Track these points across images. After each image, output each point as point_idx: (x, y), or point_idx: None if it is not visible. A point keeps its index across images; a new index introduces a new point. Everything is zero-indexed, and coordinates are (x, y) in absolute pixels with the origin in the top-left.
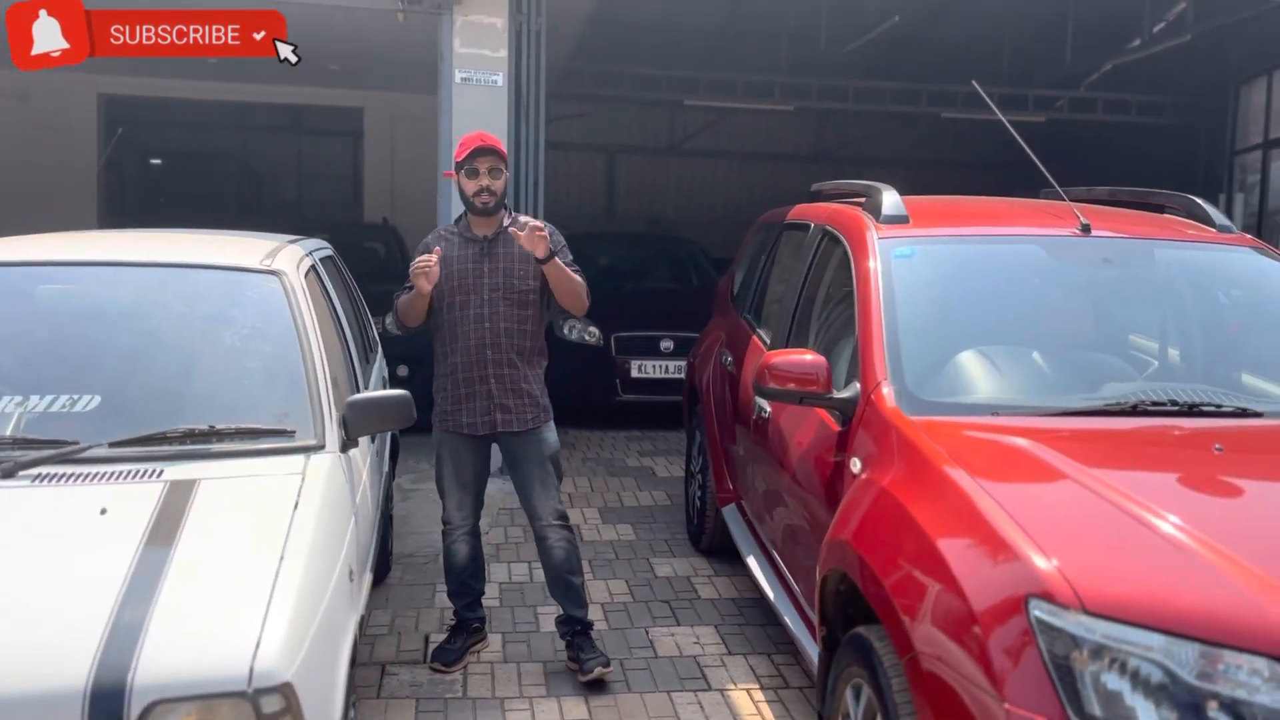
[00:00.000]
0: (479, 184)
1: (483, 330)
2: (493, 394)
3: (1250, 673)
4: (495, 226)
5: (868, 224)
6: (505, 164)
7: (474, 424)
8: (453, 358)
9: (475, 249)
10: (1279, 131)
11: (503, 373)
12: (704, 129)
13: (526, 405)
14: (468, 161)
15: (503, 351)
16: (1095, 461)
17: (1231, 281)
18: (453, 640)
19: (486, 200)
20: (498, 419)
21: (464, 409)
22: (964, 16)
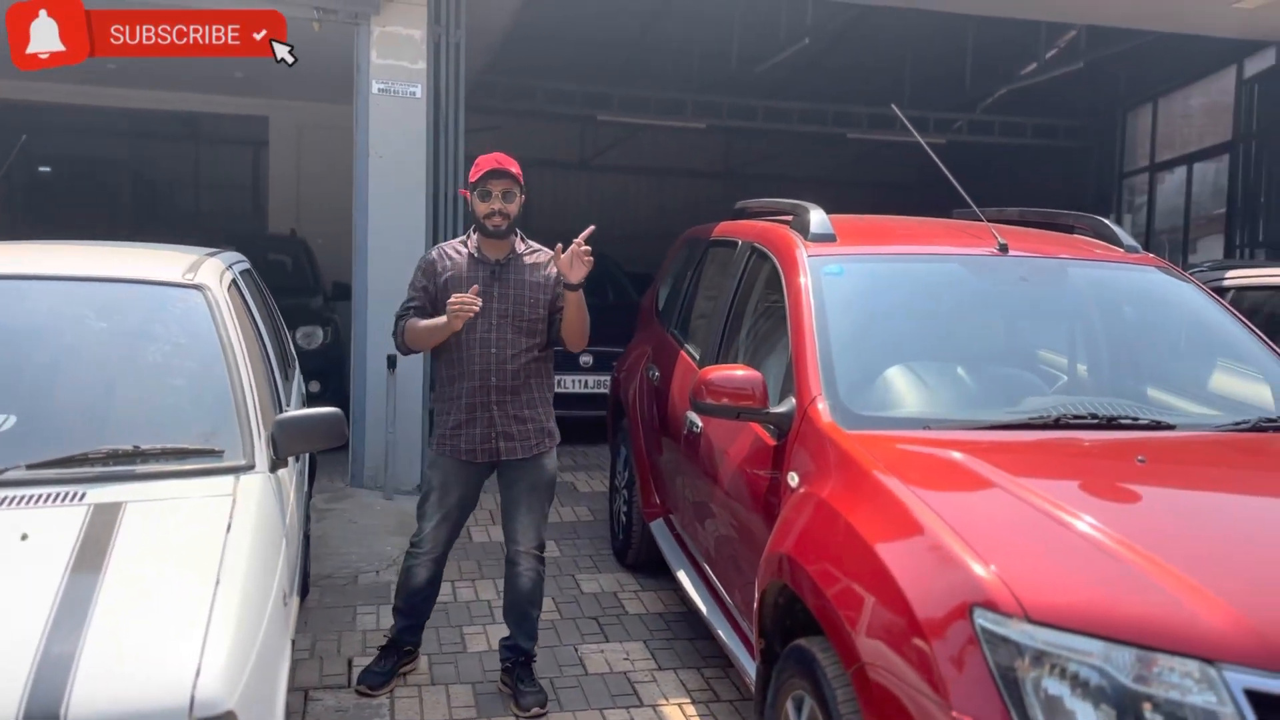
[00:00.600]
0: (491, 206)
1: (488, 356)
2: (495, 421)
3: (1183, 675)
4: (507, 250)
5: (797, 242)
6: (520, 187)
7: (473, 450)
8: (457, 383)
9: (485, 272)
10: (1164, 155)
11: (505, 399)
12: (616, 144)
13: (531, 432)
14: (481, 183)
15: (507, 378)
16: (1027, 473)
17: (1138, 299)
18: (381, 662)
19: (499, 223)
20: (500, 447)
21: (463, 434)
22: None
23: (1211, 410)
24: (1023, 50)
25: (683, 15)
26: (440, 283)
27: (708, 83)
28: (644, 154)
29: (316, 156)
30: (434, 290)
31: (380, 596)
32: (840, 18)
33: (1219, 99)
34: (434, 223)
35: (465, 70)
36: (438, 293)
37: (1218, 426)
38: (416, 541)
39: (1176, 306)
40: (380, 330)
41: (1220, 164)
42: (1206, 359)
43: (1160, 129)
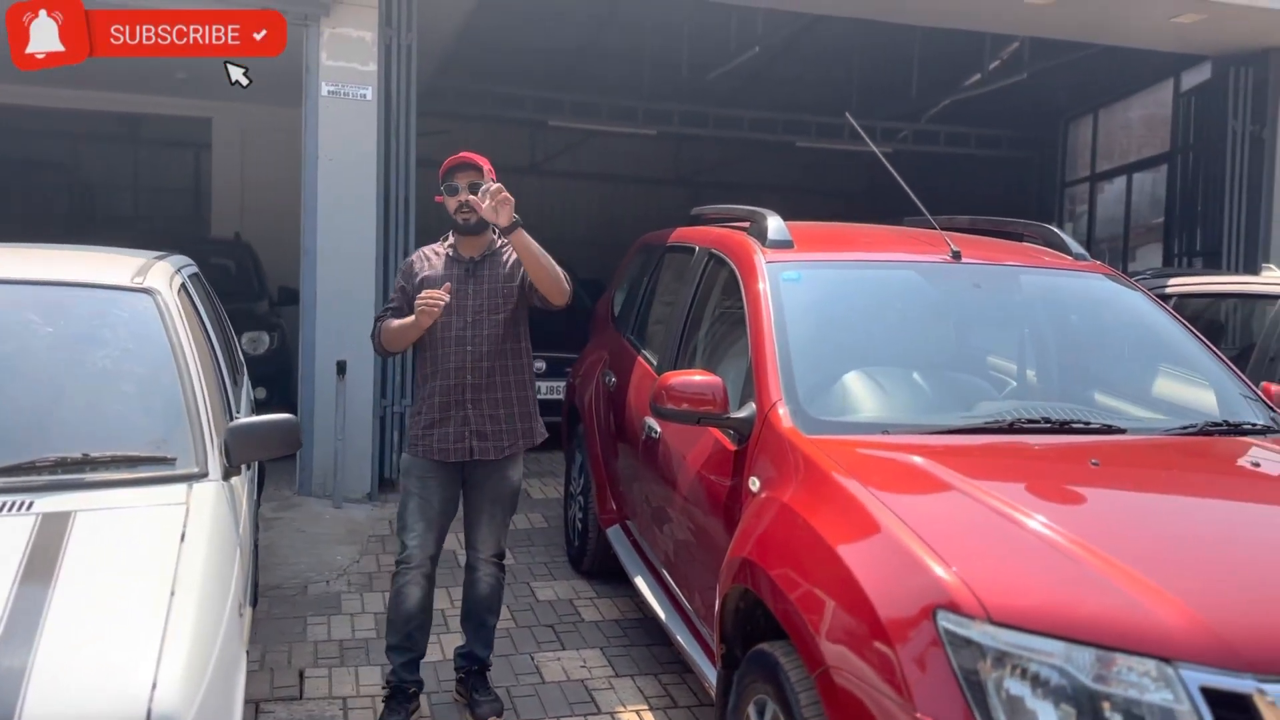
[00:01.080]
0: (459, 200)
1: (464, 353)
2: (469, 419)
3: (1141, 674)
4: (483, 248)
5: (755, 248)
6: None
7: (445, 449)
8: (432, 381)
9: (460, 269)
10: (1104, 165)
11: (481, 398)
12: (566, 150)
13: (504, 433)
14: (446, 179)
15: (483, 375)
16: (985, 476)
17: (1087, 306)
18: (393, 713)
19: (468, 216)
20: (473, 446)
21: (436, 433)
22: (817, 51)
23: (1159, 415)
24: (967, 61)
25: (632, 23)
26: (416, 283)
27: (659, 90)
28: (595, 160)
29: (261, 159)
30: (411, 291)
31: (331, 607)
32: (789, 27)
33: (1157, 111)
34: (385, 226)
35: (416, 73)
36: (415, 294)
37: (1166, 430)
38: (403, 557)
39: (1124, 313)
40: (329, 335)
41: (1158, 174)
42: (1153, 365)
43: (1100, 140)
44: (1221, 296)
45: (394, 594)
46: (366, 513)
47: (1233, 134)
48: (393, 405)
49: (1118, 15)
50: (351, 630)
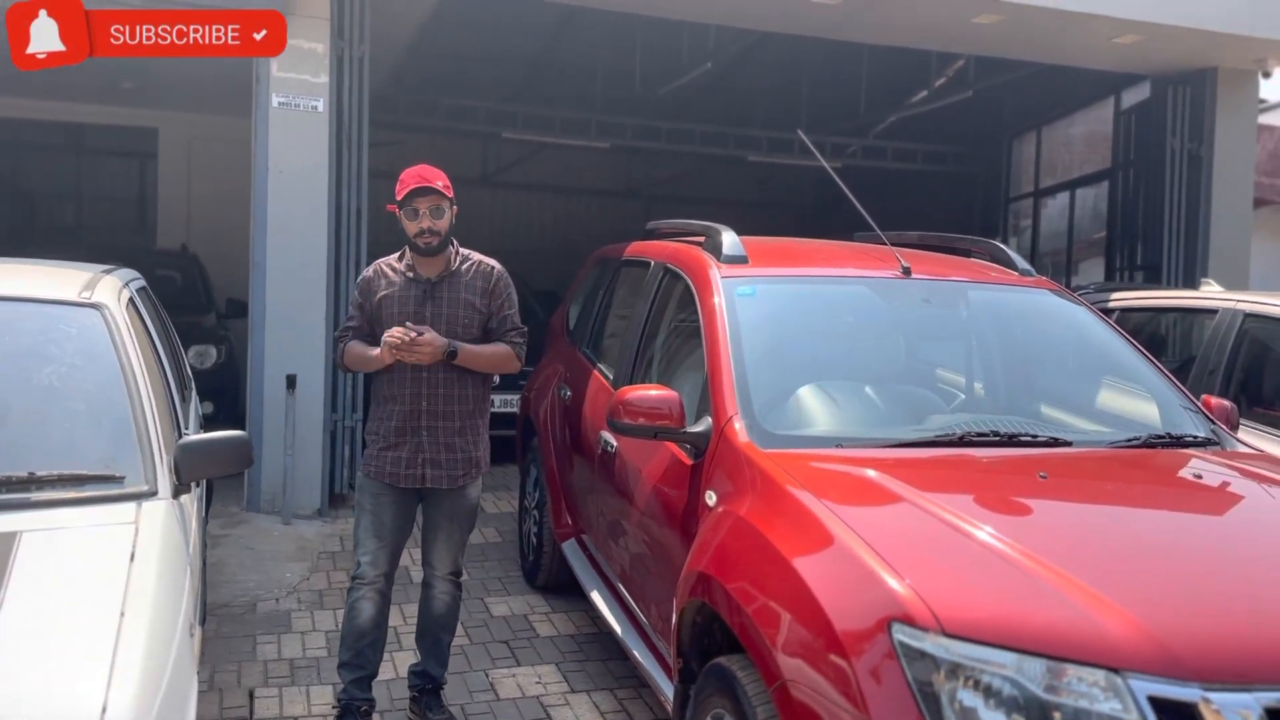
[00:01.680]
0: (419, 225)
1: (420, 379)
2: (423, 447)
3: (1091, 684)
4: (442, 267)
5: (710, 263)
6: (449, 201)
7: (397, 474)
8: (388, 405)
9: (418, 290)
10: (1047, 181)
11: (436, 425)
12: (519, 162)
13: (458, 462)
14: (406, 201)
15: (439, 403)
16: (936, 489)
17: (1033, 321)
18: None
19: (429, 240)
20: (426, 474)
21: (390, 456)
22: (768, 67)
23: (1104, 427)
24: (914, 79)
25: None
26: (375, 301)
27: (612, 103)
28: (548, 172)
29: (209, 170)
30: (370, 309)
31: (281, 625)
32: (740, 43)
33: (1098, 128)
34: (336, 238)
35: (369, 85)
36: (374, 312)
37: (1111, 443)
38: (357, 574)
39: (1068, 327)
40: (279, 348)
41: (1100, 190)
42: (1097, 378)
43: (1044, 156)
44: (1162, 311)
45: (347, 610)
46: (317, 529)
47: (1171, 151)
48: (344, 420)
49: (1060, 35)
50: (302, 649)
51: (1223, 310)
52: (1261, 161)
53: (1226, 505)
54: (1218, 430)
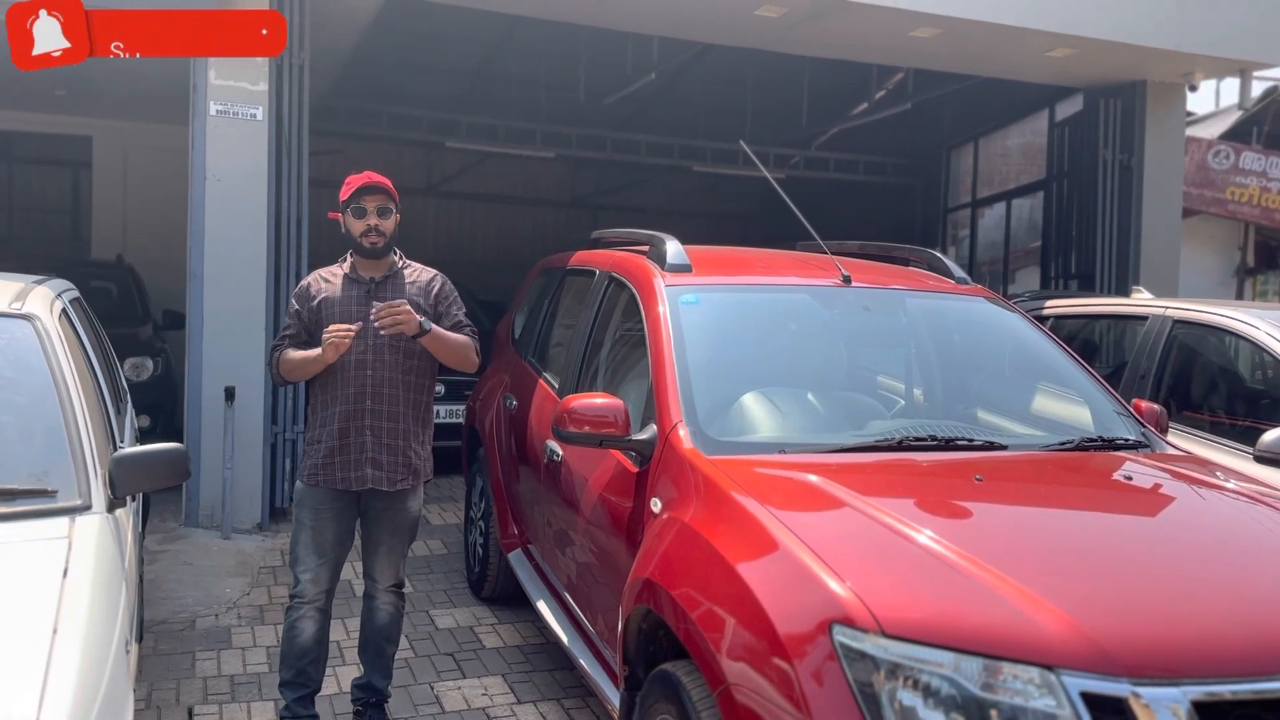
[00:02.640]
0: (366, 224)
1: (364, 378)
2: (366, 447)
3: (1025, 682)
4: (385, 269)
5: (654, 271)
6: (395, 203)
7: (346, 478)
8: (330, 407)
9: (360, 290)
10: (984, 192)
11: (381, 425)
12: (464, 171)
13: (399, 465)
14: (354, 200)
15: (384, 403)
16: (876, 493)
17: (969, 328)
18: None
19: (375, 241)
20: (368, 474)
21: (336, 462)
22: (712, 78)
23: (1038, 431)
24: (855, 91)
25: (528, 47)
26: (314, 305)
27: (556, 113)
28: (492, 182)
29: (145, 179)
30: (308, 316)
31: (221, 641)
32: (683, 54)
33: (1033, 140)
34: (276, 248)
35: (309, 93)
36: (312, 317)
37: (1045, 446)
38: (296, 591)
39: (1004, 334)
40: (217, 360)
41: (1035, 200)
42: (1032, 383)
43: (981, 167)
44: (1095, 318)
45: (287, 628)
46: (257, 544)
47: (1104, 162)
48: (284, 432)
49: (995, 48)
50: (243, 665)
51: (1153, 317)
52: (1189, 172)
53: (1156, 506)
54: (1148, 433)
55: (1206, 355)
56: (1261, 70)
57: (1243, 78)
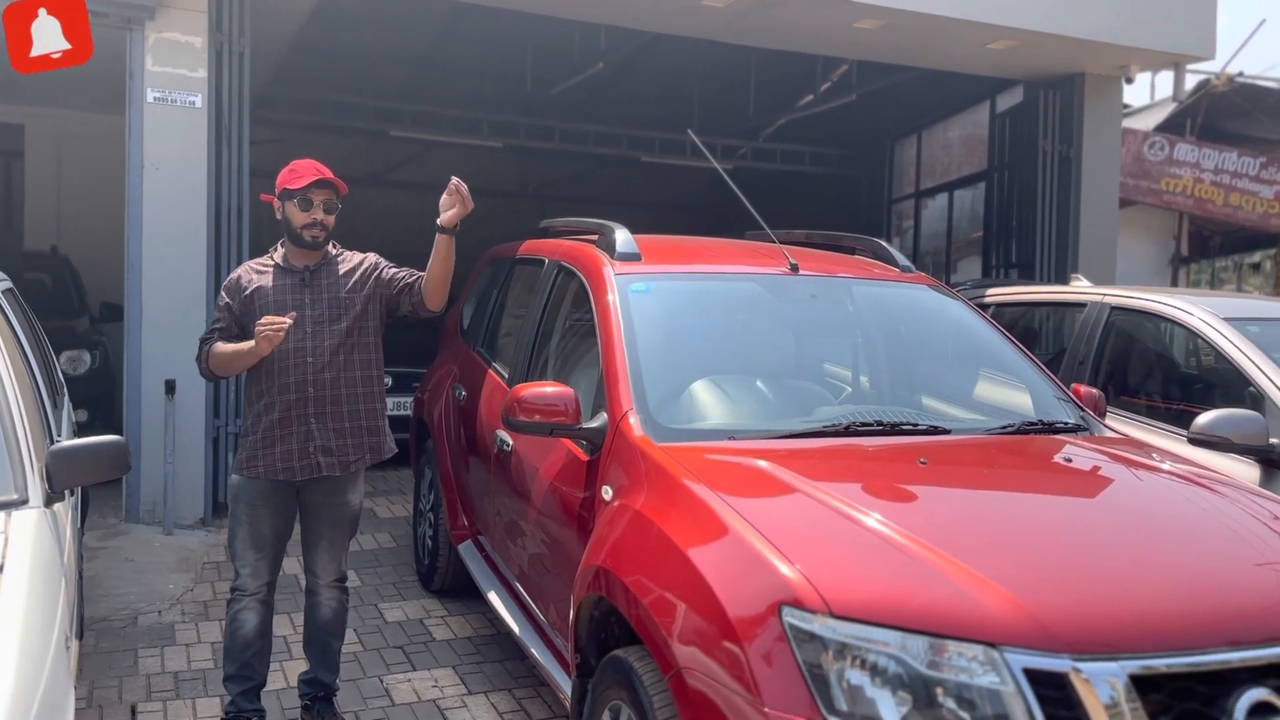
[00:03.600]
0: (312, 217)
1: (304, 366)
2: (313, 435)
3: (970, 659)
4: (318, 258)
5: (604, 260)
6: (340, 198)
7: (290, 468)
8: (268, 397)
9: (294, 279)
10: (928, 183)
11: (325, 411)
12: (409, 161)
13: (351, 447)
14: (304, 192)
15: (326, 388)
16: (824, 477)
17: (913, 315)
18: None
19: (317, 235)
20: (320, 461)
21: (277, 451)
22: (660, 69)
23: (980, 416)
24: (801, 83)
25: (474, 36)
26: (245, 297)
27: (503, 103)
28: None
29: (80, 168)
30: (239, 308)
31: (164, 638)
32: (631, 44)
33: (975, 131)
34: (216, 238)
35: (250, 80)
36: (243, 309)
37: (987, 430)
38: (237, 585)
39: (947, 321)
40: (157, 353)
41: (977, 191)
42: (974, 369)
43: (924, 159)
44: (1035, 305)
45: (229, 622)
46: (200, 539)
47: (1043, 153)
48: (226, 425)
49: (937, 40)
50: (187, 661)
51: (1091, 304)
52: (1126, 164)
53: (1095, 487)
54: (1086, 417)
55: (1143, 341)
56: (1194, 64)
57: (1176, 71)
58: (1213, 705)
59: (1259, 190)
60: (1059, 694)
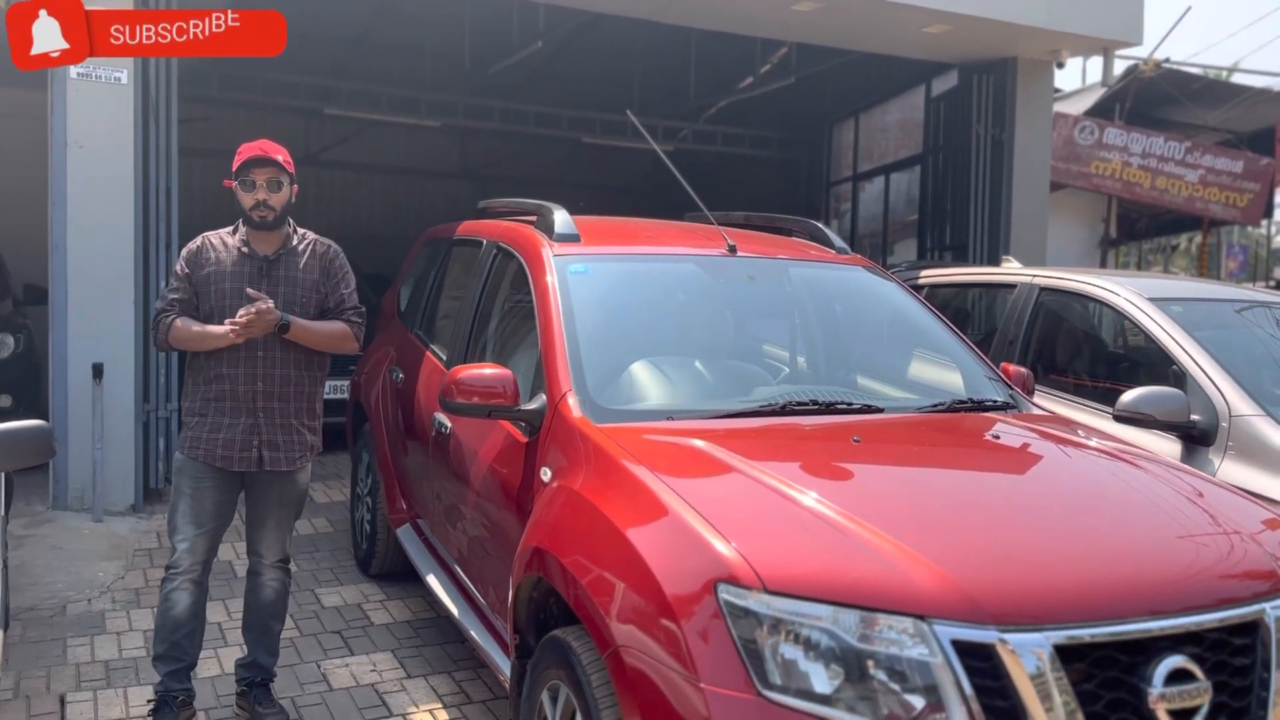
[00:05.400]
0: (255, 197)
1: (255, 358)
2: (260, 429)
3: (900, 632)
4: (278, 244)
5: (542, 241)
6: (289, 177)
7: (230, 458)
8: (217, 384)
9: (254, 267)
10: (865, 166)
11: (273, 406)
12: (345, 140)
13: (295, 444)
14: (243, 172)
15: (275, 384)
16: (760, 456)
17: (848, 296)
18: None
19: (265, 215)
20: (264, 456)
21: (221, 440)
22: (600, 49)
23: (913, 394)
24: (741, 65)
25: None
26: (202, 275)
27: (441, 82)
28: (376, 151)
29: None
30: (196, 283)
31: (94, 626)
32: (570, 23)
33: (911, 115)
34: (144, 218)
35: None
36: (200, 283)
37: (919, 408)
38: (172, 562)
39: (881, 302)
40: (84, 336)
41: (913, 174)
42: (908, 349)
43: (861, 142)
44: (967, 286)
45: (161, 601)
46: (131, 525)
47: (976, 137)
48: (157, 410)
49: (874, 23)
50: (118, 650)
51: (1021, 285)
52: (1056, 147)
53: (1022, 463)
54: (1015, 395)
55: (1071, 321)
56: (1123, 49)
57: (1106, 56)
58: (1133, 673)
59: (1184, 174)
60: (986, 665)
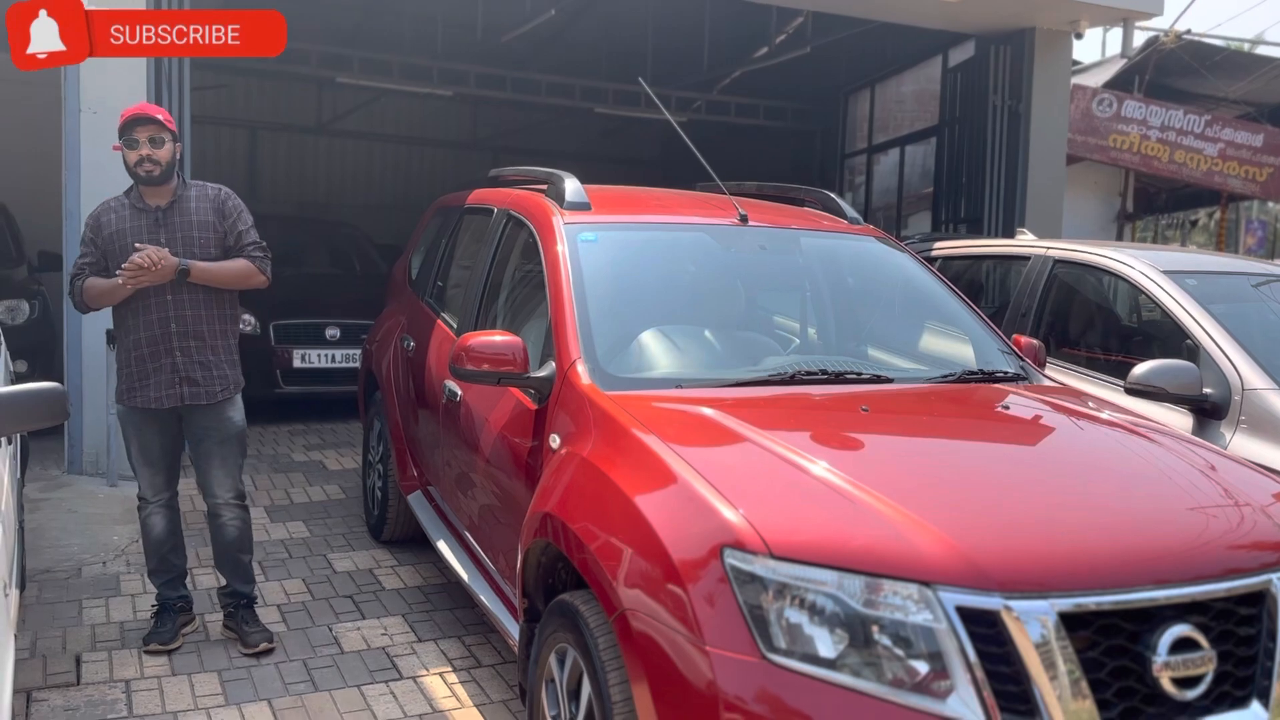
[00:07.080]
0: (139, 154)
1: (164, 303)
2: (178, 367)
3: (904, 597)
4: (170, 196)
5: (553, 210)
6: (171, 134)
7: (159, 398)
8: (135, 333)
9: (148, 219)
10: (880, 138)
11: (189, 344)
12: (357, 109)
13: (214, 379)
14: (126, 132)
15: (188, 324)
16: (769, 424)
17: (860, 267)
18: (162, 625)
19: (150, 169)
20: (184, 392)
21: (150, 383)
22: (613, 17)
23: (923, 365)
24: (756, 35)
25: None
26: (105, 236)
27: (453, 50)
28: (388, 121)
29: (14, 113)
30: (102, 245)
31: (109, 588)
32: None
33: (927, 86)
34: None
35: None
36: (105, 246)
37: (929, 379)
38: (142, 495)
39: (893, 273)
40: None
41: (928, 146)
42: (919, 320)
43: (877, 113)
44: (981, 258)
45: (141, 526)
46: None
47: (993, 108)
48: None
49: None
50: (133, 611)
51: (1035, 256)
52: (1074, 120)
53: (1031, 434)
54: (1026, 367)
55: (1084, 293)
56: (1143, 20)
57: (1126, 27)
58: (1137, 641)
59: (1203, 148)
60: (991, 631)
